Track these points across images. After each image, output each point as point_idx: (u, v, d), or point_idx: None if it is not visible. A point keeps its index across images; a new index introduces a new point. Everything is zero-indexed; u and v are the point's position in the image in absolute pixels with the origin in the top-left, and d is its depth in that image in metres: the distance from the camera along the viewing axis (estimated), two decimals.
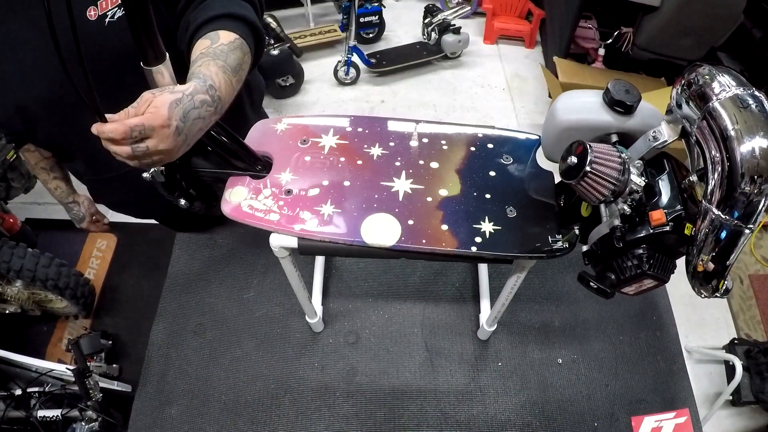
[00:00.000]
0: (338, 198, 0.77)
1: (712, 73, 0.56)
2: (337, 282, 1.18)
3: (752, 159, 0.51)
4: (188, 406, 1.02)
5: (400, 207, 0.76)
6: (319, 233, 0.73)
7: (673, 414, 1.04)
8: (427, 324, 1.12)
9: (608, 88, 0.67)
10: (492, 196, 0.79)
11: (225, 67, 0.75)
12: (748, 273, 2.27)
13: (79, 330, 1.98)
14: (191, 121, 0.67)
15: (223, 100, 0.73)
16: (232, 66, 0.76)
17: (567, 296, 1.18)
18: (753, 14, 2.49)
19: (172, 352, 1.09)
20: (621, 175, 0.62)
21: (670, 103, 0.62)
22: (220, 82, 0.72)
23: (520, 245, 0.74)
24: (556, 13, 2.98)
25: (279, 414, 1.01)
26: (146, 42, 0.62)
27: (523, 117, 2.93)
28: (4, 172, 1.89)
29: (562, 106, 0.71)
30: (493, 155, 0.85)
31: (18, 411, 1.48)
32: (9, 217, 1.96)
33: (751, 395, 1.80)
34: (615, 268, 0.65)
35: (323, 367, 1.06)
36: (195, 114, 0.67)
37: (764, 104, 0.53)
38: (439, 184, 0.80)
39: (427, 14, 3.17)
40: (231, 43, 0.79)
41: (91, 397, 1.38)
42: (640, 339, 1.13)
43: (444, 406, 1.02)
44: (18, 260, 1.66)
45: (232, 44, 0.79)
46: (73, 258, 2.14)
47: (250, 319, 1.12)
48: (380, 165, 0.82)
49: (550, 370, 1.08)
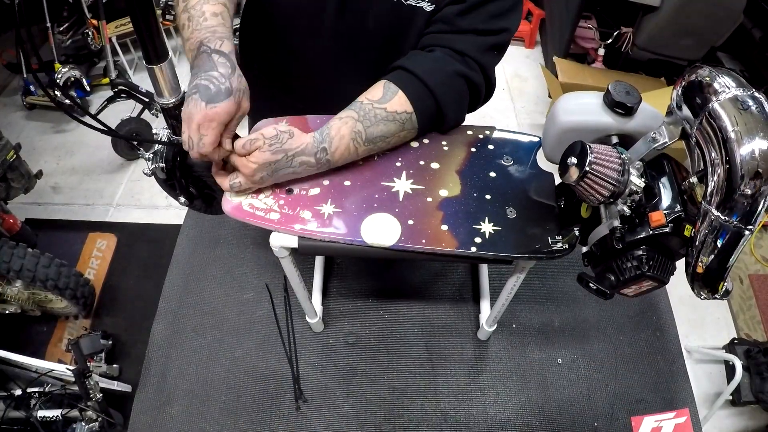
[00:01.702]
0: (339, 197, 0.77)
1: (713, 74, 0.56)
2: (337, 282, 1.18)
3: (752, 161, 0.51)
4: (188, 406, 1.02)
5: (400, 207, 0.76)
6: (319, 232, 0.73)
7: (673, 414, 1.04)
8: (427, 324, 1.12)
9: (609, 89, 0.67)
10: (492, 196, 0.79)
11: (360, 134, 0.73)
12: (748, 273, 2.27)
13: (79, 330, 1.97)
14: (279, 176, 0.72)
15: (333, 163, 0.75)
16: (371, 137, 0.75)
17: (567, 296, 1.18)
18: (753, 14, 2.49)
19: (172, 352, 1.09)
20: (621, 176, 0.62)
21: (670, 105, 0.62)
22: (338, 147, 0.73)
23: (520, 246, 0.74)
24: (556, 13, 2.98)
25: (279, 414, 1.01)
26: (149, 41, 0.63)
27: (523, 117, 2.93)
28: (4, 173, 1.89)
29: (563, 108, 0.71)
30: (494, 156, 0.85)
31: (18, 411, 1.48)
32: (9, 217, 1.96)
33: (751, 395, 1.79)
34: (614, 269, 0.65)
35: (323, 367, 1.06)
36: (288, 172, 0.72)
37: (764, 106, 0.53)
38: (439, 184, 0.80)
39: None
40: (395, 113, 0.75)
41: (91, 397, 1.38)
42: (640, 339, 1.13)
43: (444, 406, 1.02)
44: (18, 260, 1.65)
45: (395, 114, 0.75)
46: (73, 258, 2.14)
47: (251, 320, 1.12)
48: (381, 165, 0.82)
49: (550, 370, 1.08)
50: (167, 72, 0.68)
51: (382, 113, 0.74)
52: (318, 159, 0.72)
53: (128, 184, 2.38)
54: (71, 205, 2.32)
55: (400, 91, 0.75)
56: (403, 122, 0.76)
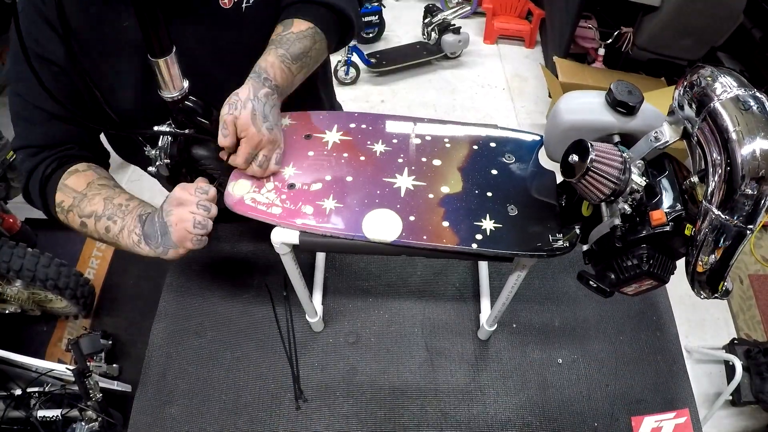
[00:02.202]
0: (340, 193, 0.77)
1: (714, 74, 0.56)
2: (337, 281, 1.18)
3: (753, 161, 0.51)
4: (188, 406, 1.02)
5: (401, 203, 0.77)
6: (320, 227, 0.73)
7: (673, 414, 1.04)
8: (427, 324, 1.12)
9: (611, 89, 0.67)
10: (493, 194, 0.79)
11: (285, 55, 0.80)
12: (747, 273, 2.28)
13: (79, 330, 1.98)
14: (271, 113, 0.76)
15: (281, 86, 0.79)
16: (294, 54, 0.81)
17: (567, 296, 1.18)
18: (753, 14, 2.49)
19: (172, 352, 1.09)
20: (622, 174, 0.62)
21: (672, 104, 0.62)
22: (275, 72, 0.78)
23: (521, 243, 0.74)
24: (556, 13, 2.98)
25: (279, 414, 1.01)
26: (153, 34, 0.64)
27: (523, 117, 2.93)
28: (4, 172, 1.89)
29: (565, 107, 0.71)
30: (496, 154, 0.85)
31: (18, 411, 1.49)
32: (9, 217, 1.96)
33: (751, 395, 1.80)
34: (615, 267, 0.65)
35: (323, 366, 1.06)
36: (268, 108, 0.75)
37: (765, 106, 0.53)
38: (441, 181, 0.80)
39: (427, 14, 3.17)
40: (300, 32, 0.83)
41: (91, 397, 1.39)
42: (640, 339, 1.13)
43: (444, 406, 1.02)
44: (18, 260, 1.66)
45: (301, 33, 0.83)
46: (73, 258, 2.14)
47: (251, 320, 1.12)
48: (383, 161, 0.82)
49: (550, 370, 1.08)
50: (172, 65, 0.68)
51: (291, 36, 0.82)
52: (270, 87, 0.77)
53: (128, 184, 2.38)
54: None
55: (295, 18, 0.84)
56: (313, 36, 0.84)
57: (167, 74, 0.68)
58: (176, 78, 0.70)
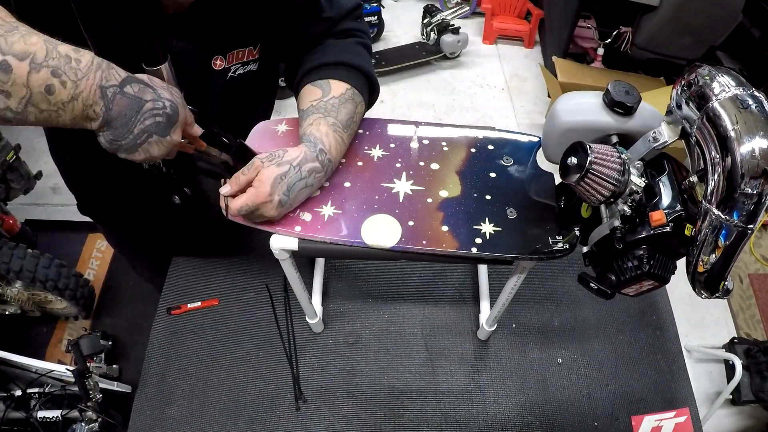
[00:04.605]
0: (338, 199, 0.77)
1: (712, 73, 0.56)
2: (337, 283, 1.18)
3: (752, 159, 0.51)
4: (188, 407, 1.02)
5: (400, 208, 0.76)
6: (319, 234, 0.73)
7: (673, 413, 1.04)
8: (427, 324, 1.12)
9: (608, 89, 0.67)
10: (492, 197, 0.79)
11: (336, 124, 0.76)
12: (747, 272, 2.28)
13: (79, 331, 1.98)
14: (296, 193, 0.71)
15: (334, 161, 0.76)
16: (344, 122, 0.77)
17: (567, 296, 1.18)
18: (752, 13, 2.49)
19: (172, 353, 1.09)
20: (621, 176, 0.62)
21: (670, 104, 0.62)
22: (330, 144, 0.74)
23: (521, 246, 0.74)
24: (555, 13, 2.98)
25: (279, 414, 1.01)
26: (148, 43, 0.63)
27: (523, 117, 2.93)
28: (4, 173, 1.89)
29: (562, 108, 0.71)
30: (494, 157, 0.85)
31: (18, 412, 1.48)
32: (9, 218, 1.96)
33: (751, 394, 1.80)
34: (615, 269, 0.65)
35: (323, 367, 1.06)
36: (301, 185, 0.71)
37: (764, 105, 0.53)
38: (439, 185, 0.80)
39: (426, 14, 3.17)
40: (342, 96, 0.79)
41: (91, 397, 1.39)
42: (640, 339, 1.13)
43: (444, 406, 1.02)
44: (18, 261, 1.66)
45: (343, 96, 0.79)
46: (73, 259, 2.14)
47: (251, 320, 1.12)
48: (381, 166, 0.82)
49: (550, 370, 1.08)
50: (169, 73, 0.68)
51: (335, 101, 0.78)
52: (322, 161, 0.73)
53: None
54: (71, 206, 2.30)
55: (330, 80, 0.80)
56: (353, 98, 0.80)
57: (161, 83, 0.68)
58: (174, 84, 0.70)
